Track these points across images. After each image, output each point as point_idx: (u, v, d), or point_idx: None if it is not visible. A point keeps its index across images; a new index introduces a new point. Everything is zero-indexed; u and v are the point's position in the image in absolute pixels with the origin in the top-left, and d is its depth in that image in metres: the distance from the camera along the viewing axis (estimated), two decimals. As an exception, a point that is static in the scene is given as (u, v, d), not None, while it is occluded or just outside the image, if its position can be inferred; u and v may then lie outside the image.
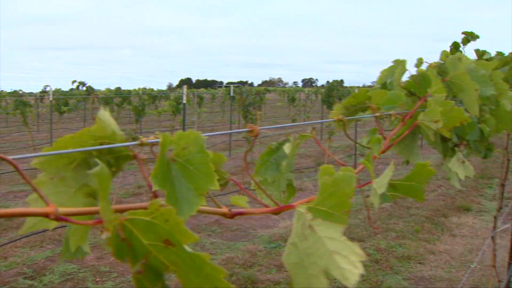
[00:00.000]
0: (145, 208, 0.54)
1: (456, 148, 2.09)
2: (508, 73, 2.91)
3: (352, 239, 3.42)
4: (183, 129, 8.85)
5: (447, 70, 1.51)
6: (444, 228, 7.16)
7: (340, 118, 1.08)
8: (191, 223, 7.03)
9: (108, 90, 22.87)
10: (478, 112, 1.45)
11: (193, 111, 19.70)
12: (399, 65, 1.46)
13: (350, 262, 0.63)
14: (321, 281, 0.64)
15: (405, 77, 1.59)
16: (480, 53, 2.99)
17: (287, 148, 1.00)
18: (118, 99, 21.48)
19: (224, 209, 0.72)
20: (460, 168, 1.92)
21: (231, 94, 13.67)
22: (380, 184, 0.88)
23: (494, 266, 3.47)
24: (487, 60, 3.02)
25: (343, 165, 1.00)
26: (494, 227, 3.41)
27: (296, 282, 0.65)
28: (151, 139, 0.68)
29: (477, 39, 2.91)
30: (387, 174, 0.89)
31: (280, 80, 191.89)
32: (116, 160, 0.71)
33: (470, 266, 5.79)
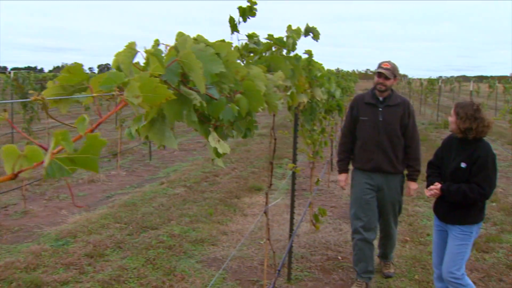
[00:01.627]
0: None
1: (210, 129, 2.13)
2: (270, 56, 3.06)
3: (145, 227, 3.37)
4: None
5: (179, 50, 1.50)
6: (236, 209, 7.44)
7: (38, 98, 0.99)
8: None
9: None
10: (204, 89, 1.46)
11: (-35, 101, 17.82)
12: (129, 47, 1.41)
13: None
14: None
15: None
16: (250, 35, 3.10)
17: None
18: None
19: None
20: (217, 146, 1.97)
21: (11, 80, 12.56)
22: (45, 158, 0.82)
23: (268, 240, 3.65)
24: (255, 42, 3.13)
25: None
26: (266, 203, 3.59)
27: None
28: None
29: (255, 16, 3.00)
30: (51, 147, 0.83)
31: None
32: None
33: (260, 242, 6.10)
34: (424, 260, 5.61)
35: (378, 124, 4.58)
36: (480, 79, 76.28)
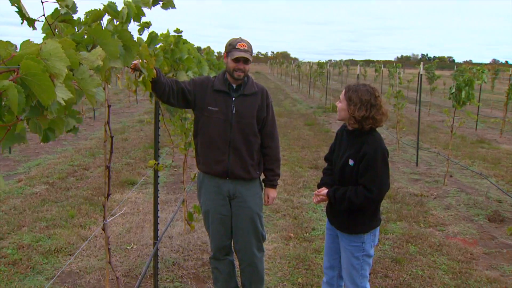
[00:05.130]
0: None
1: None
2: (92, 29, 2.28)
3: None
4: None
5: None
6: (103, 208, 6.57)
7: None
8: None
9: None
10: None
11: None
12: None
13: None
14: None
15: None
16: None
17: None
18: None
19: None
20: None
21: None
22: None
23: (109, 262, 2.86)
24: (68, 7, 2.33)
25: None
26: (104, 217, 2.82)
27: None
28: None
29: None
30: None
31: None
32: None
33: (127, 248, 5.33)
34: (308, 259, 5.13)
35: (231, 118, 3.66)
36: (367, 63, 79.10)
